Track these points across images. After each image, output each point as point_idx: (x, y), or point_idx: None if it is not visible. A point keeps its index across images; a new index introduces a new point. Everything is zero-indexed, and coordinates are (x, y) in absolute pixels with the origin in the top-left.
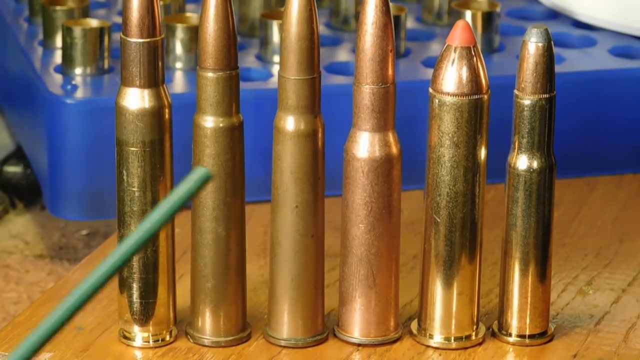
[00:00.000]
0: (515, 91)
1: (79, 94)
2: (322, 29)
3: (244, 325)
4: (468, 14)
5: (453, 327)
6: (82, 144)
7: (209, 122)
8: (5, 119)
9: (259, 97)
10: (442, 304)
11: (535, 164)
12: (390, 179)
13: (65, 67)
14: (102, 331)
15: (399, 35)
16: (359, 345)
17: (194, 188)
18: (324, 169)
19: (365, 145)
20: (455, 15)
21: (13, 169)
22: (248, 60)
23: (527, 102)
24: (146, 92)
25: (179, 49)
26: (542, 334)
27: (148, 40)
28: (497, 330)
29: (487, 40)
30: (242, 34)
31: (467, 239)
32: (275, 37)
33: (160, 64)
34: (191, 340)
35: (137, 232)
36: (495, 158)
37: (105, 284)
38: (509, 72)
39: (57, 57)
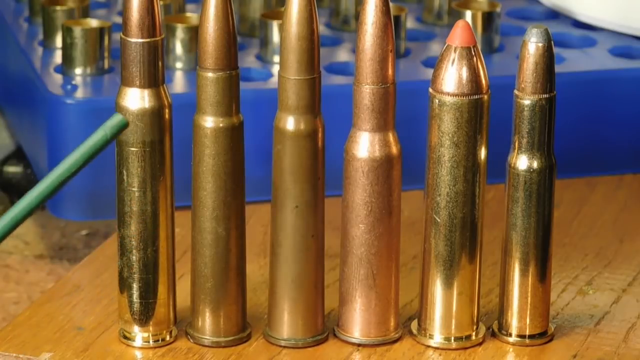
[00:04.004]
0: (515, 91)
1: (79, 94)
2: (322, 29)
3: (244, 325)
4: (468, 14)
5: (453, 327)
6: None
7: (209, 122)
8: (5, 119)
9: (259, 97)
10: (442, 304)
11: (535, 164)
12: (390, 179)
13: (65, 67)
14: (102, 331)
15: (399, 35)
16: (359, 345)
17: (110, 134)
18: (324, 169)
19: (365, 145)
20: (455, 15)
21: (13, 169)
22: (248, 60)
23: (527, 102)
24: (146, 92)
25: (179, 49)
26: (542, 334)
27: (148, 40)
28: (497, 330)
29: (487, 40)
30: (242, 34)
31: (467, 239)
32: (275, 37)
33: (160, 64)
34: (191, 340)
35: (52, 174)
36: (495, 158)
37: (24, 217)
38: (509, 72)
39: (57, 57)
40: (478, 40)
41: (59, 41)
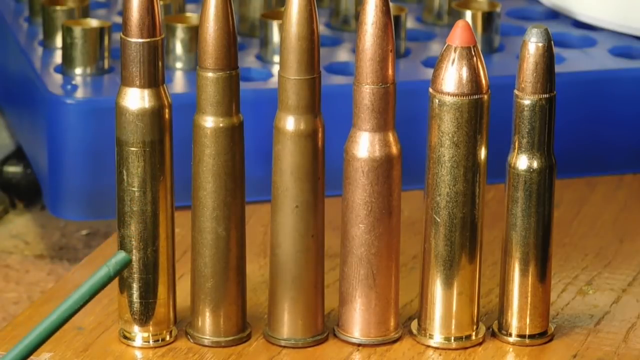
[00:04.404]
0: (515, 91)
1: (79, 94)
2: (322, 29)
3: (244, 325)
4: (468, 14)
5: (453, 327)
6: (82, 144)
7: (209, 122)
8: (5, 119)
9: (259, 97)
10: (442, 304)
11: (535, 164)
12: (390, 179)
13: (65, 67)
14: (102, 331)
15: (399, 35)
16: (359, 345)
17: (113, 271)
18: (324, 169)
19: (365, 145)
20: (455, 15)
21: (13, 169)
22: (248, 60)
23: (527, 102)
24: (146, 92)
25: (179, 49)
26: (542, 334)
27: (148, 40)
28: (497, 330)
29: (487, 40)
30: (242, 34)
31: (467, 239)
32: (275, 37)
33: (160, 64)
34: (191, 340)
35: (56, 311)
36: (495, 158)
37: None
38: (509, 72)
39: (57, 57)
40: (478, 40)
41: (59, 41)
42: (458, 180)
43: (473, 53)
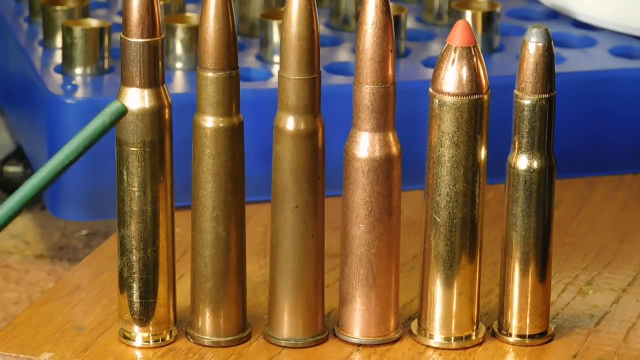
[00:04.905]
0: (515, 91)
1: (79, 94)
2: (322, 29)
3: (244, 325)
4: (468, 14)
5: (453, 327)
6: None
7: (209, 122)
8: (5, 119)
9: (259, 97)
10: (442, 304)
11: (535, 164)
12: (390, 179)
13: (65, 67)
14: (102, 331)
15: (399, 35)
16: (359, 345)
17: (108, 121)
18: (324, 169)
19: (365, 145)
20: (455, 15)
21: (13, 169)
22: (248, 60)
23: (527, 102)
24: (146, 92)
25: (179, 49)
26: (542, 334)
27: (148, 40)
28: (497, 330)
29: (487, 40)
30: (242, 34)
31: (467, 239)
32: (275, 37)
33: (160, 64)
34: (191, 340)
35: (52, 161)
36: (495, 158)
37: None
38: (509, 72)
39: (57, 57)
40: (478, 40)
41: (59, 41)
42: (458, 180)
43: (473, 53)
